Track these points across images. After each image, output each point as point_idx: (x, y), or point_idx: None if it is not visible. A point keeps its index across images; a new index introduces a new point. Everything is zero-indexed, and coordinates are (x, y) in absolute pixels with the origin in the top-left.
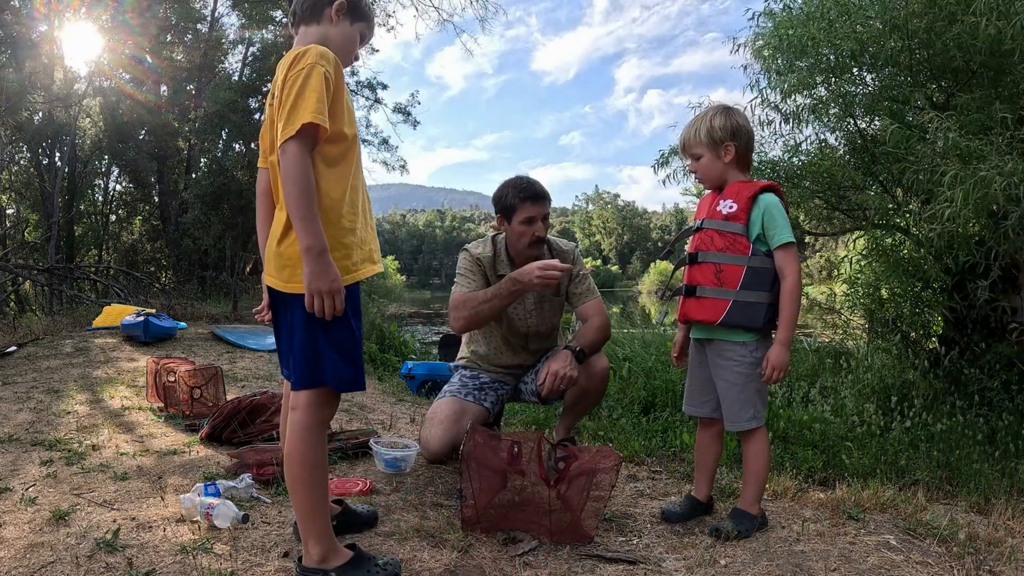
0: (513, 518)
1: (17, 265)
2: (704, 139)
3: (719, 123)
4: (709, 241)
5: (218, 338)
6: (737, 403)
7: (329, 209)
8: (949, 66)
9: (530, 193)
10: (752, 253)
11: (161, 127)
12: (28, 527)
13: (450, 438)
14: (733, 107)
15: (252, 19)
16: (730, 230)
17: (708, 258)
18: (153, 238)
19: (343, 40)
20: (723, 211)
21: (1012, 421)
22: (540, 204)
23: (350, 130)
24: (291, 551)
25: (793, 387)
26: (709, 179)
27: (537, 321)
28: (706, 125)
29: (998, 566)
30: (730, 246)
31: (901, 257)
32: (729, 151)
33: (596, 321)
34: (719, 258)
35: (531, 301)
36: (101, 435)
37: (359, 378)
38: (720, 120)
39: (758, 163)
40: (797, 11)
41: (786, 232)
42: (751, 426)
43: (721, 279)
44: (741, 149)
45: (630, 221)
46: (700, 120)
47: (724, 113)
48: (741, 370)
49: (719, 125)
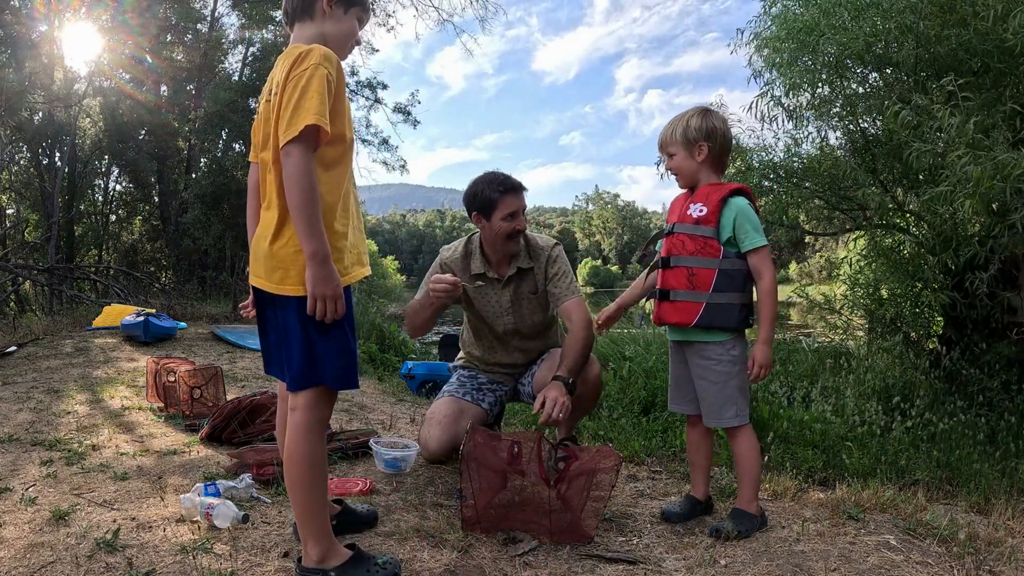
0: (513, 518)
1: (17, 265)
2: (679, 138)
3: (695, 124)
4: (680, 245)
5: (218, 338)
6: (718, 401)
7: (324, 213)
8: (953, 66)
9: (508, 186)
10: (723, 256)
11: (161, 127)
12: (28, 527)
13: (449, 438)
14: (712, 109)
15: (252, 19)
16: (701, 234)
17: (680, 262)
18: (153, 238)
19: (341, 32)
20: (693, 215)
21: (1012, 421)
22: (519, 196)
23: (349, 133)
24: (291, 551)
25: (794, 387)
26: (682, 177)
27: (515, 320)
28: (682, 125)
29: (998, 566)
30: (701, 249)
31: (901, 257)
32: (702, 151)
33: (577, 330)
34: (691, 262)
35: (506, 301)
36: (101, 435)
37: (354, 376)
38: (696, 121)
39: (759, 163)
40: (803, 9)
41: (757, 237)
42: (734, 423)
43: (693, 283)
44: (715, 150)
45: (630, 221)
46: (678, 120)
47: (701, 114)
48: (720, 368)
49: (695, 126)
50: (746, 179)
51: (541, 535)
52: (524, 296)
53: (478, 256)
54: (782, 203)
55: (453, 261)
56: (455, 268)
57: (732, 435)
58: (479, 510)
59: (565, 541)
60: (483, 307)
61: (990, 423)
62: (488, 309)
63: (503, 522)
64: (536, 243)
